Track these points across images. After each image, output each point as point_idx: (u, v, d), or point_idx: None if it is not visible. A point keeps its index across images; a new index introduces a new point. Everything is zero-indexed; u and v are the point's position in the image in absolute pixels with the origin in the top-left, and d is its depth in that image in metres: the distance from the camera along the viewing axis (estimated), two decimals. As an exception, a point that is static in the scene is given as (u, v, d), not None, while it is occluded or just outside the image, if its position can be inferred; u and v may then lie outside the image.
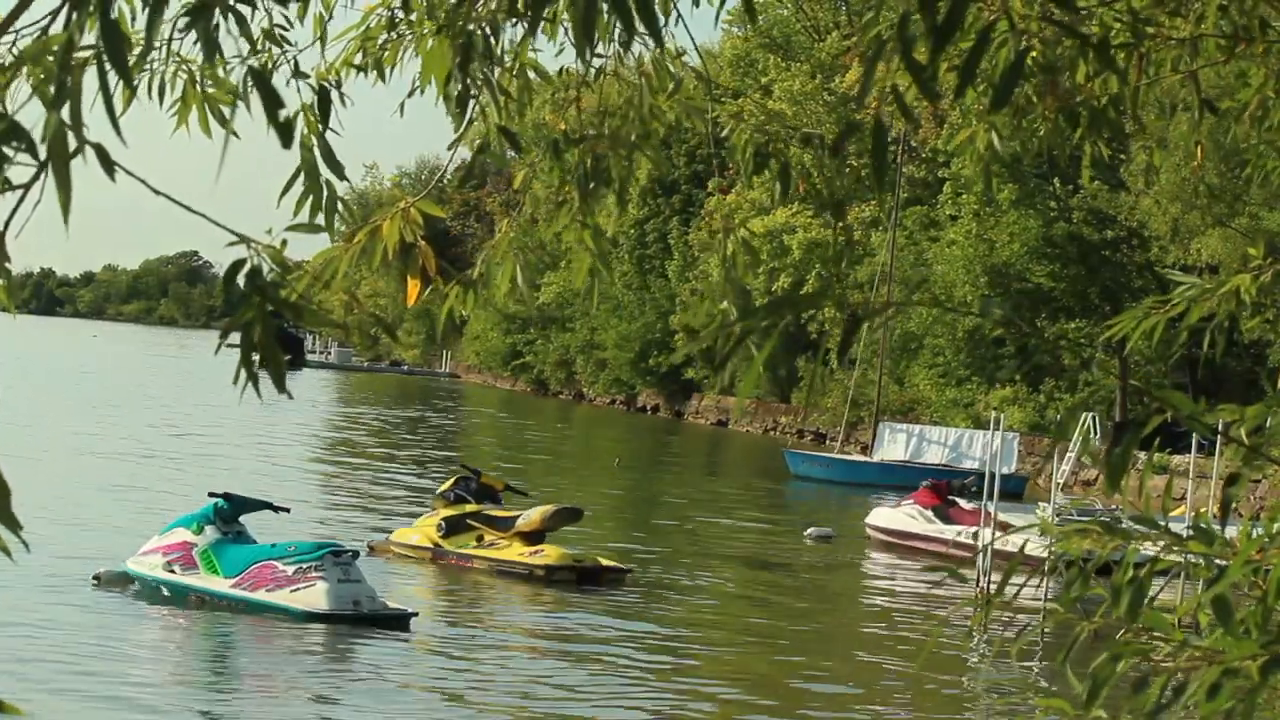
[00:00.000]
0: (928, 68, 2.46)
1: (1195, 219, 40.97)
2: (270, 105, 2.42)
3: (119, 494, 26.73)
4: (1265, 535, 2.72)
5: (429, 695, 14.22)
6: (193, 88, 3.66)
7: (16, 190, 2.05)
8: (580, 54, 2.94)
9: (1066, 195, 51.09)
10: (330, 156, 3.49)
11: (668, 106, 4.26)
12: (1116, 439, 2.51)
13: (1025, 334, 50.83)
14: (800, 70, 65.23)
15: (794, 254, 60.74)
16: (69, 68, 2.00)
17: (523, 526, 21.60)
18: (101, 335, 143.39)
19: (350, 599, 16.83)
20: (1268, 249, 3.94)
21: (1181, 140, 16.26)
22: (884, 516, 28.84)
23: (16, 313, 2.58)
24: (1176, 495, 22.65)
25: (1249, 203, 39.57)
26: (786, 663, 16.92)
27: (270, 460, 35.63)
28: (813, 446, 53.85)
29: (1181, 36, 4.08)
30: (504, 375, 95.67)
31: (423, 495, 29.08)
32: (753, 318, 2.35)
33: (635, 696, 14.76)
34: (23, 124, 2.05)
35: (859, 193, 61.39)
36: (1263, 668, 2.48)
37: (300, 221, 3.36)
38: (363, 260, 3.75)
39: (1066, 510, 20.89)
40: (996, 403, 45.44)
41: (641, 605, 19.59)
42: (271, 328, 2.11)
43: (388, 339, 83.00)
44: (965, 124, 4.45)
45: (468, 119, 3.78)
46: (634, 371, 76.01)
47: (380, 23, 3.92)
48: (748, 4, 2.89)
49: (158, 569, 17.66)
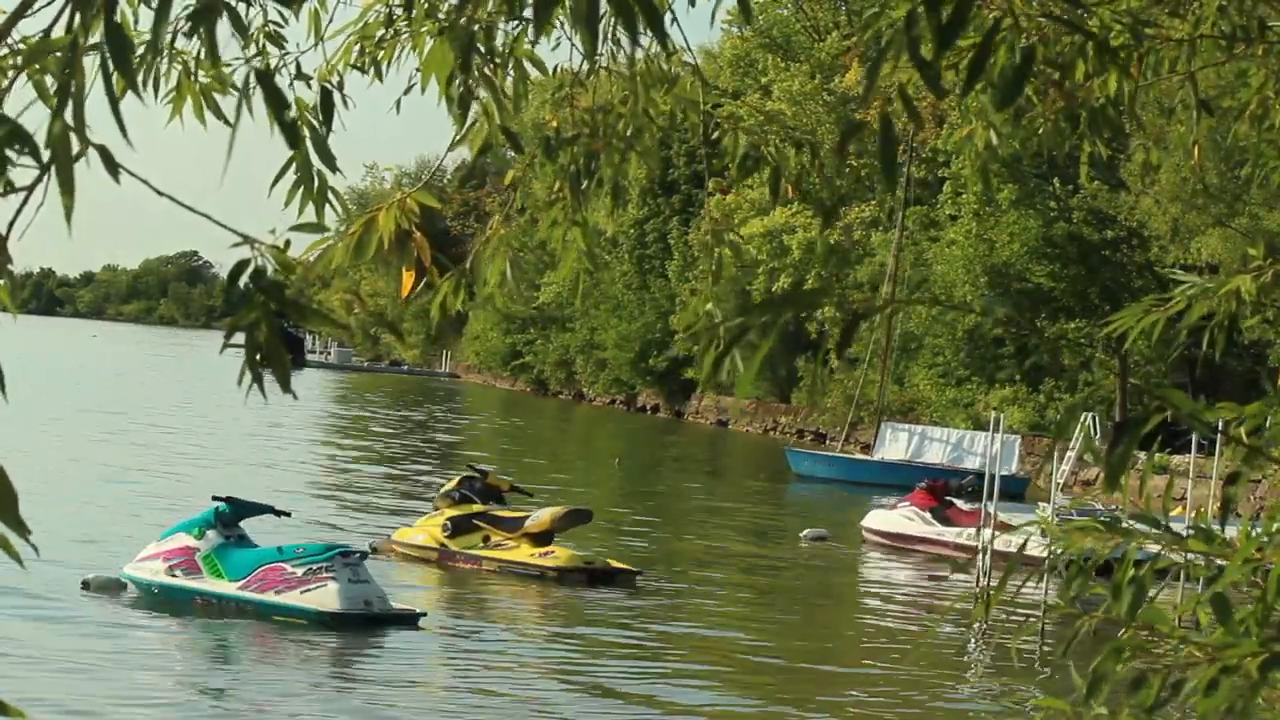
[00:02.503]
0: (933, 65, 2.47)
1: (1195, 219, 40.96)
2: (276, 106, 2.42)
3: (117, 495, 26.70)
4: (1264, 534, 2.73)
5: (437, 695, 14.21)
6: (187, 78, 3.66)
7: (19, 193, 2.05)
8: (588, 54, 2.95)
9: (1066, 195, 51.07)
10: (322, 147, 3.49)
11: (663, 102, 4.27)
12: (1116, 439, 2.51)
13: (1025, 334, 50.81)
14: (800, 70, 65.25)
15: (794, 254, 60.75)
16: (72, 69, 2.01)
17: (531, 527, 21.47)
18: (101, 335, 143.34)
19: (361, 599, 16.78)
20: (1268, 249, 3.95)
21: (1181, 141, 16.21)
22: (880, 519, 28.55)
23: (18, 313, 2.58)
24: (1176, 495, 22.64)
25: (1249, 203, 39.56)
26: (787, 663, 16.92)
27: (269, 461, 35.62)
28: (813, 446, 53.84)
29: (1180, 37, 4.09)
30: (504, 375, 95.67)
31: (423, 495, 29.08)
32: (749, 316, 2.36)
33: (635, 695, 14.75)
34: (25, 127, 2.05)
35: (859, 192, 61.35)
36: (1262, 666, 2.49)
37: (303, 221, 3.36)
38: (359, 252, 3.75)
39: (1066, 510, 20.88)
40: (996, 403, 45.44)
41: (642, 605, 19.59)
42: (276, 328, 2.11)
43: (387, 339, 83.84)
44: (965, 122, 4.45)
45: (469, 120, 3.78)
46: (634, 371, 75.99)
47: (378, 20, 3.92)
48: (744, 5, 2.89)
49: (159, 574, 17.46)
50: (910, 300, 2.82)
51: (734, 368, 2.45)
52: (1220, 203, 40.03)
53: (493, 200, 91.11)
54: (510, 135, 3.94)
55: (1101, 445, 2.71)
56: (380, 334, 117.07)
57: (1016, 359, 50.66)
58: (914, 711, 14.93)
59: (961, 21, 2.39)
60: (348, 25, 3.93)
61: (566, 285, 4.36)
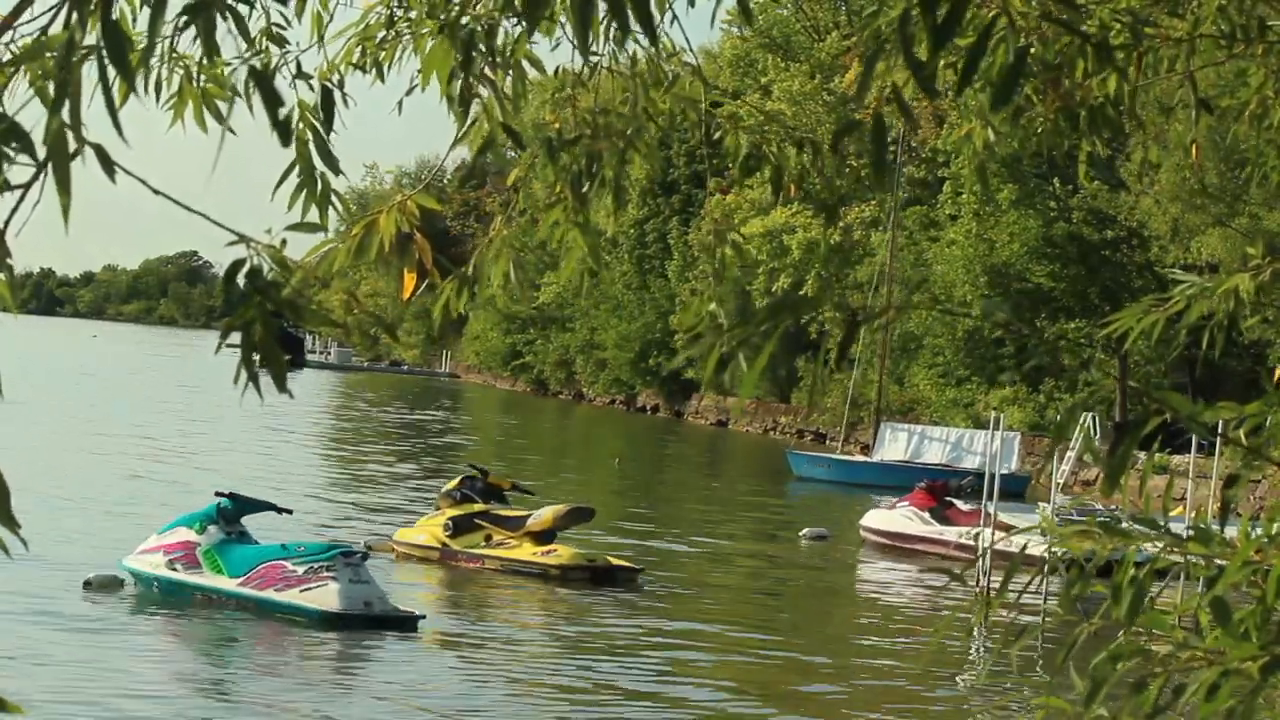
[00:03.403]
0: (928, 65, 2.46)
1: (1195, 219, 40.96)
2: (271, 105, 2.42)
3: (118, 495, 26.69)
4: (1264, 535, 2.72)
5: (437, 695, 14.20)
6: (189, 83, 3.66)
7: (16, 190, 2.05)
8: (582, 50, 2.94)
9: (1066, 195, 51.08)
10: (325, 150, 3.49)
11: (663, 102, 4.26)
12: (1116, 440, 2.51)
13: (1025, 334, 50.81)
14: (800, 70, 65.26)
15: (794, 254, 60.75)
16: (69, 68, 2.00)
17: (534, 526, 21.42)
18: (101, 335, 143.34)
19: (361, 599, 16.75)
20: (1267, 249, 3.94)
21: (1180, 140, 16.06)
22: (879, 519, 28.51)
23: (18, 313, 2.57)
24: (1176, 495, 22.63)
25: (1249, 203, 39.56)
26: (786, 663, 16.91)
27: (269, 460, 35.61)
28: (813, 446, 53.84)
29: (1179, 36, 4.08)
30: (504, 375, 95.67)
31: (422, 495, 29.07)
32: (750, 322, 2.35)
33: (634, 697, 14.75)
34: (22, 124, 2.04)
35: (859, 192, 61.36)
36: (1263, 668, 2.48)
37: (300, 221, 3.36)
38: (360, 254, 3.74)
39: (1066, 510, 20.86)
40: (996, 403, 45.44)
41: (641, 606, 19.58)
42: (272, 327, 2.11)
43: (387, 339, 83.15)
44: (965, 121, 4.44)
45: (470, 119, 3.78)
46: (634, 371, 75.99)
47: (379, 21, 3.92)
48: (743, 6, 2.88)
49: (159, 567, 17.49)
50: (911, 305, 2.80)
51: (737, 369, 2.45)
52: (1220, 203, 40.03)
53: (493, 200, 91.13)
54: (512, 133, 3.94)
55: (1101, 445, 2.70)
56: (379, 334, 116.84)
57: (1016, 359, 50.67)
58: (914, 710, 14.92)
59: (957, 21, 2.38)
60: (349, 26, 3.93)
61: (568, 285, 4.35)
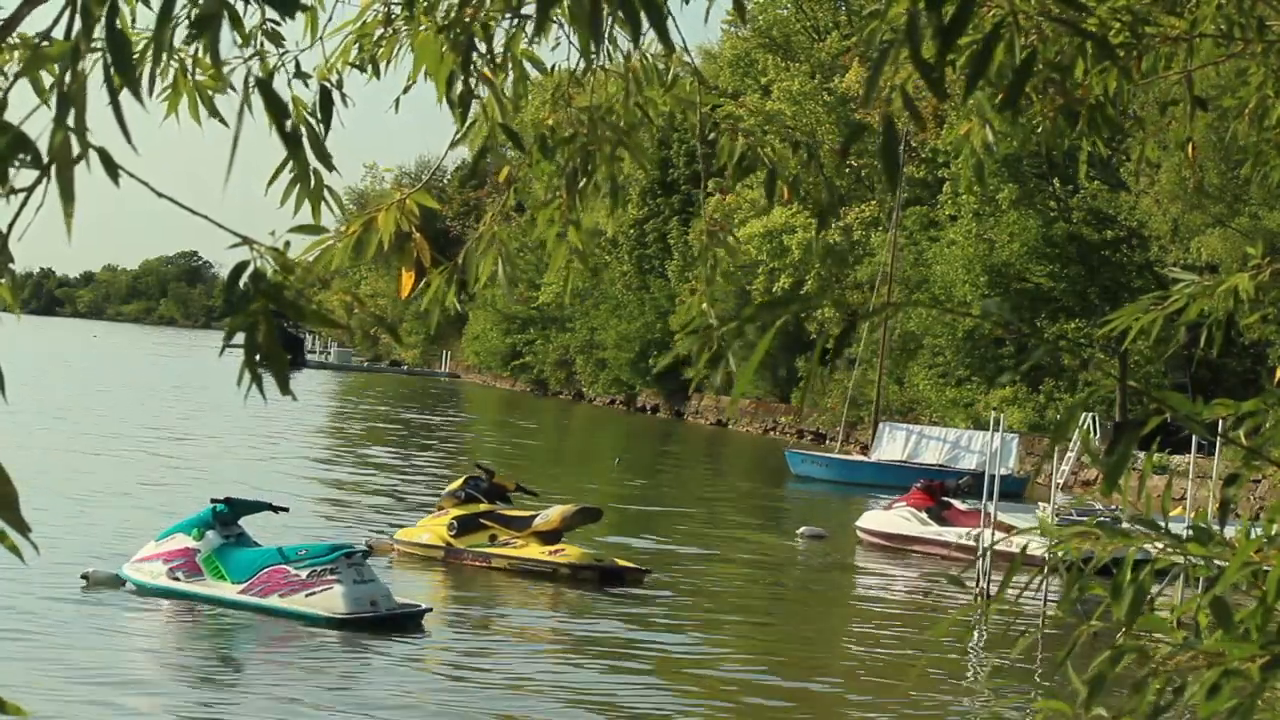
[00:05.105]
0: (935, 66, 2.46)
1: (1195, 219, 40.96)
2: (277, 115, 2.42)
3: (118, 494, 26.68)
4: (1264, 536, 2.72)
5: (439, 695, 14.20)
6: (183, 76, 3.66)
7: (18, 194, 2.05)
8: (585, 54, 2.95)
9: (1066, 195, 51.06)
10: (319, 146, 3.49)
11: (661, 101, 4.26)
12: (1115, 440, 2.51)
13: (1025, 334, 50.71)
14: (800, 70, 65.25)
15: (793, 254, 60.74)
16: (73, 76, 2.00)
17: (540, 526, 21.38)
18: (101, 335, 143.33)
19: (367, 599, 16.66)
20: (1267, 248, 3.94)
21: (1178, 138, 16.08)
22: (875, 519, 28.43)
23: (20, 312, 2.57)
24: (1176, 495, 22.63)
25: (1249, 203, 39.55)
26: (785, 660, 16.91)
27: (269, 461, 35.60)
28: (812, 446, 53.84)
29: (1178, 35, 4.08)
30: (504, 375, 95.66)
31: (422, 495, 29.06)
32: (747, 318, 2.36)
33: (633, 697, 14.75)
34: (26, 131, 2.04)
35: (859, 192, 61.37)
36: (1263, 668, 2.48)
37: (295, 217, 3.35)
38: (358, 252, 3.74)
39: (1066, 510, 20.87)
40: (996, 403, 45.42)
41: (638, 604, 19.58)
42: (275, 329, 2.11)
43: (387, 339, 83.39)
44: (964, 119, 4.44)
45: (469, 119, 3.78)
46: (634, 371, 75.98)
47: (376, 19, 3.91)
48: (739, 5, 2.89)
49: (160, 577, 17.30)
50: (907, 303, 2.81)
51: (729, 367, 2.45)
52: (1220, 202, 40.02)
53: (493, 200, 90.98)
54: (511, 133, 3.94)
55: (1101, 446, 2.71)
56: (380, 334, 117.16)
57: (1016, 359, 50.63)
58: (914, 711, 14.92)
59: (964, 21, 2.39)
60: (346, 24, 3.93)
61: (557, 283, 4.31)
